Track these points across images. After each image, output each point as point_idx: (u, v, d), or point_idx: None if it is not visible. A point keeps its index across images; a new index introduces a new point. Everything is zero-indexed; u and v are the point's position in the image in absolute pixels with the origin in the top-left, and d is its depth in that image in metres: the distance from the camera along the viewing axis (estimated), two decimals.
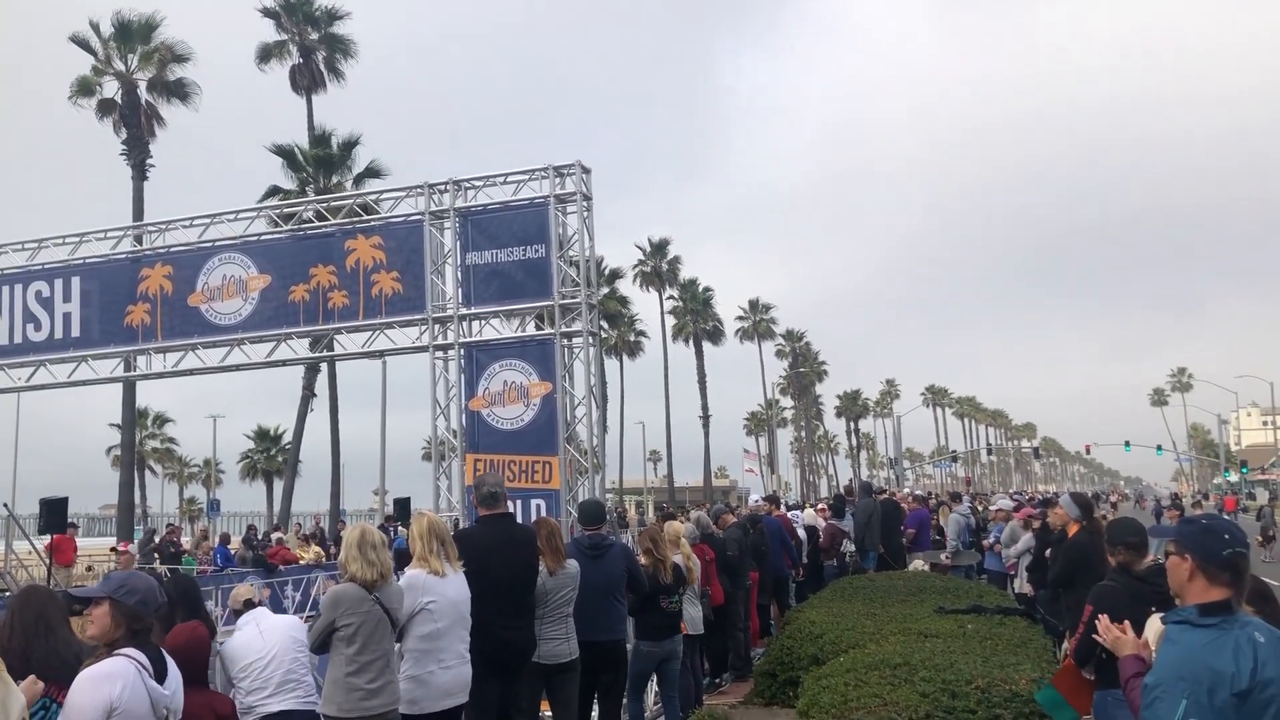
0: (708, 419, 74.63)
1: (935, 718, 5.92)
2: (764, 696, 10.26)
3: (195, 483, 76.85)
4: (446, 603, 6.18)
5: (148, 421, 65.47)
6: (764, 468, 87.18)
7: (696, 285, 73.48)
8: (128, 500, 37.37)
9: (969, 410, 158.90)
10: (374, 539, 5.99)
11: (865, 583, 13.19)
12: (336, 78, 41.18)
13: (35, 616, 4.28)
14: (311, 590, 21.04)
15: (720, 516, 13.16)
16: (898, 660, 7.34)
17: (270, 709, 6.47)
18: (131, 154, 35.58)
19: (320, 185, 36.04)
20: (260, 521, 49.65)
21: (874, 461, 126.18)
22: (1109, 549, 6.01)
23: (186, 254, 16.99)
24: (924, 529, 18.01)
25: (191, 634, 5.47)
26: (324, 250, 16.22)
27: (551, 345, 14.76)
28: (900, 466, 69.31)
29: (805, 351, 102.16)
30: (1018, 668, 7.02)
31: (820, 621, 10.23)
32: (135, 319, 17.05)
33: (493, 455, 14.63)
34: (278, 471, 57.85)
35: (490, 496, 6.98)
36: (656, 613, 8.46)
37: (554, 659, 7.10)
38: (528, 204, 15.10)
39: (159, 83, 35.90)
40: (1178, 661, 3.19)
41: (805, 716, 6.70)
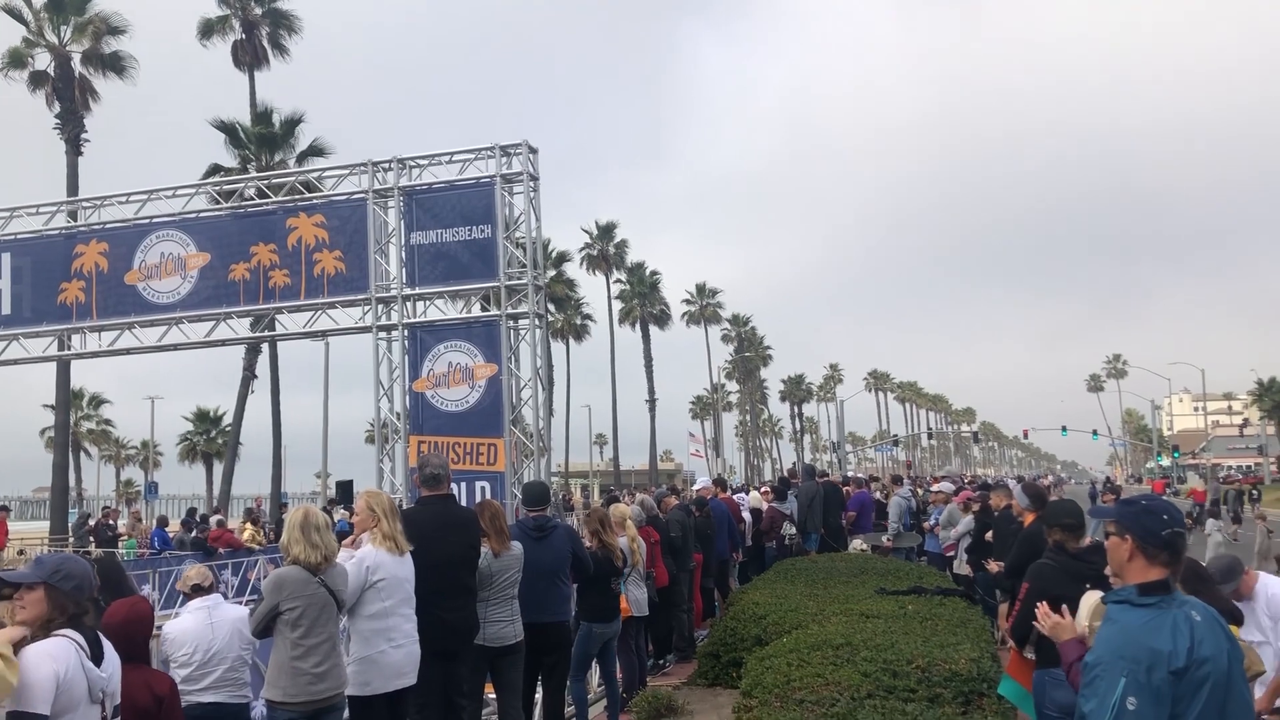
0: (654, 403, 74.87)
1: (877, 697, 5.97)
2: (707, 677, 10.32)
3: (132, 465, 75.60)
4: (395, 580, 6.10)
5: (83, 402, 64.16)
6: (709, 451, 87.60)
7: (644, 269, 73.48)
8: (61, 483, 36.56)
9: (910, 395, 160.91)
10: (317, 521, 5.90)
11: (807, 564, 13.30)
12: (280, 54, 40.44)
13: None
14: (250, 575, 20.76)
15: (663, 499, 13.19)
16: (840, 640, 7.41)
17: (202, 699, 6.37)
18: (65, 128, 34.68)
19: (262, 163, 35.40)
20: (200, 504, 48.91)
21: (817, 445, 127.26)
22: (1046, 529, 6.11)
23: (123, 230, 16.58)
24: (865, 512, 18.19)
25: (132, 609, 5.34)
26: (265, 228, 15.92)
27: (497, 327, 14.65)
28: (842, 450, 70.01)
29: (751, 336, 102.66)
30: (958, 648, 7.11)
31: (763, 603, 10.30)
32: (69, 297, 16.62)
33: (437, 437, 14.50)
34: (217, 454, 57.02)
35: (434, 478, 6.91)
36: (606, 594, 8.46)
37: (499, 641, 7.07)
38: (473, 184, 14.93)
39: (94, 55, 35.01)
40: (1117, 640, 3.24)
41: (748, 697, 6.74)
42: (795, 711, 5.69)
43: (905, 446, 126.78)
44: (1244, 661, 3.44)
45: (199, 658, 6.40)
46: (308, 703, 5.69)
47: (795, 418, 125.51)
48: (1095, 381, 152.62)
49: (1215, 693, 3.13)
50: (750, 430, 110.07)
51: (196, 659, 6.39)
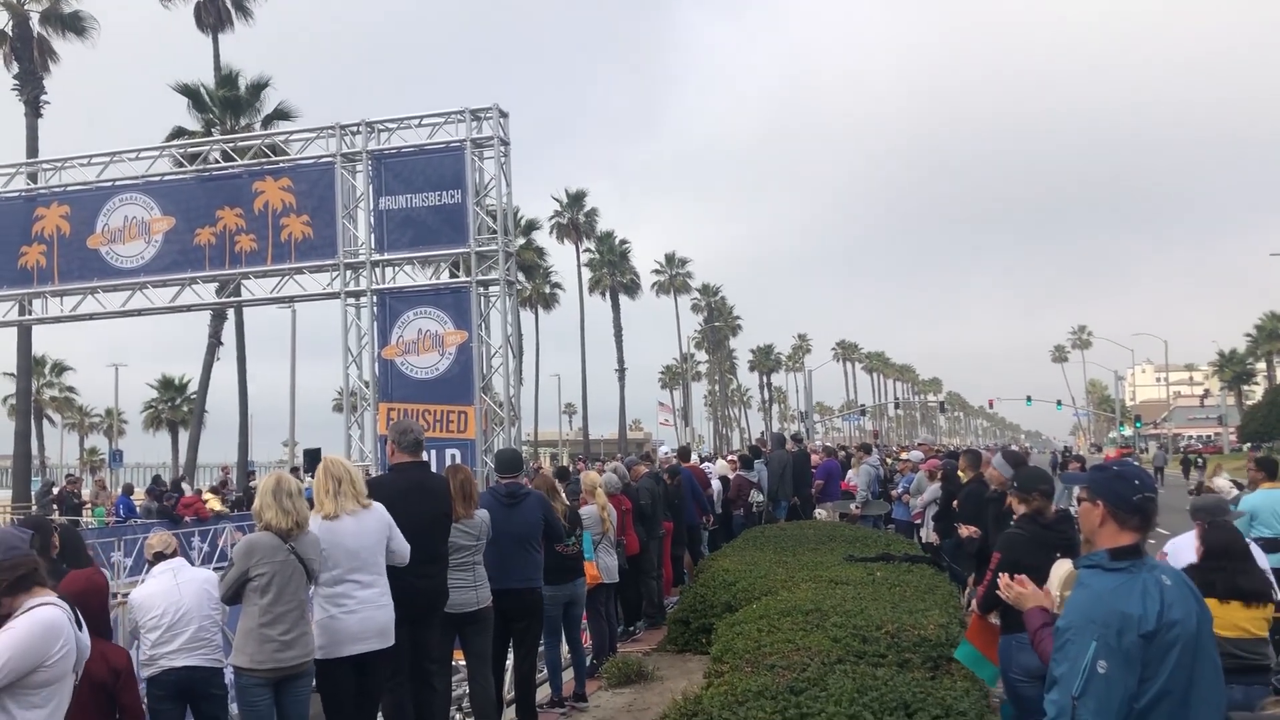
0: (623, 372, 74.84)
1: (847, 662, 6.01)
2: (677, 644, 10.38)
3: (97, 433, 74.75)
4: (338, 548, 5.98)
5: (46, 369, 63.28)
6: (678, 421, 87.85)
7: (613, 238, 73.23)
8: (24, 450, 36.08)
9: (878, 365, 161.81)
10: (290, 487, 5.84)
11: (776, 532, 13.37)
12: (244, 16, 39.66)
13: None
14: (219, 541, 20.65)
15: (633, 467, 13.20)
16: (809, 607, 7.46)
17: (175, 663, 6.33)
18: (24, 89, 33.96)
19: (227, 127, 34.78)
20: (166, 473, 48.48)
21: (785, 415, 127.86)
22: (1024, 497, 6.13)
23: (85, 194, 16.32)
24: (832, 480, 18.30)
25: (89, 581, 5.28)
26: (231, 192, 15.72)
27: (467, 294, 14.56)
28: (810, 420, 70.39)
29: (720, 306, 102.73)
30: (926, 613, 7.17)
31: (733, 570, 10.36)
32: (30, 260, 16.35)
33: (407, 404, 14.43)
34: (183, 422, 56.45)
35: (416, 443, 6.84)
36: (553, 556, 8.43)
37: (461, 608, 7.02)
38: (443, 148, 14.79)
39: (53, 15, 34.27)
40: (1088, 605, 3.26)
41: (719, 662, 6.77)
42: (766, 676, 5.72)
43: (872, 416, 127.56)
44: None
45: (168, 620, 6.35)
46: (275, 669, 5.66)
47: (764, 387, 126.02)
48: (1060, 353, 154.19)
49: (1184, 655, 3.16)
50: (719, 400, 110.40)
51: (165, 621, 6.35)
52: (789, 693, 5.35)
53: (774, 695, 5.32)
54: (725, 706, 5.28)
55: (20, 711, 3.80)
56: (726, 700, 5.38)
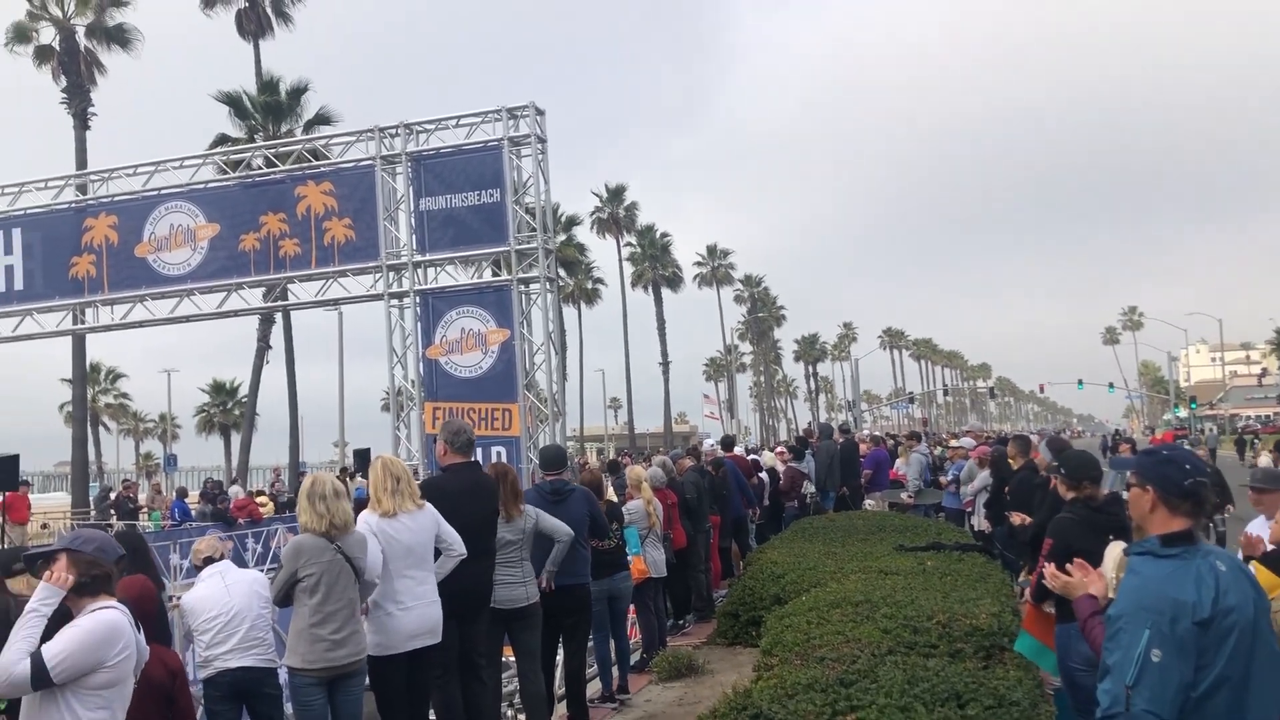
0: (667, 365, 74.92)
1: (898, 653, 5.95)
2: (727, 637, 10.35)
3: (151, 438, 75.96)
4: (396, 545, 6.06)
5: (100, 377, 64.47)
6: (724, 413, 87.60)
7: (654, 231, 73.21)
8: (81, 457, 36.82)
9: (925, 352, 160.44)
10: (323, 489, 5.88)
11: (825, 523, 13.30)
12: (284, 22, 40.12)
13: None
14: (272, 543, 20.95)
15: (678, 461, 13.19)
16: (859, 598, 7.40)
17: (230, 664, 6.41)
18: (72, 102, 34.58)
19: (269, 133, 35.22)
20: (219, 476, 49.20)
21: (832, 405, 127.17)
22: (1067, 483, 6.03)
23: (131, 203, 16.58)
24: (881, 469, 18.17)
25: (143, 587, 5.37)
26: (274, 198, 15.90)
27: (508, 292, 14.61)
28: (858, 409, 69.91)
29: (764, 297, 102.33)
30: (977, 602, 7.09)
31: (781, 562, 10.31)
32: (80, 270, 16.65)
33: (452, 403, 14.52)
34: (235, 425, 57.28)
35: (468, 444, 6.89)
36: (593, 552, 8.44)
37: (510, 604, 7.06)
38: (481, 147, 14.85)
39: (98, 28, 34.83)
40: (1140, 592, 3.19)
41: (769, 655, 6.73)
42: (816, 669, 5.68)
43: (921, 404, 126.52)
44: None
45: (220, 621, 6.44)
46: (327, 669, 5.71)
47: (810, 377, 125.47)
48: (1111, 334, 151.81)
49: (1241, 642, 3.09)
50: (765, 391, 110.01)
51: (218, 623, 6.44)
52: (839, 685, 5.30)
53: (824, 688, 5.28)
54: (775, 700, 5.24)
55: (85, 712, 3.88)
56: (776, 693, 5.35)
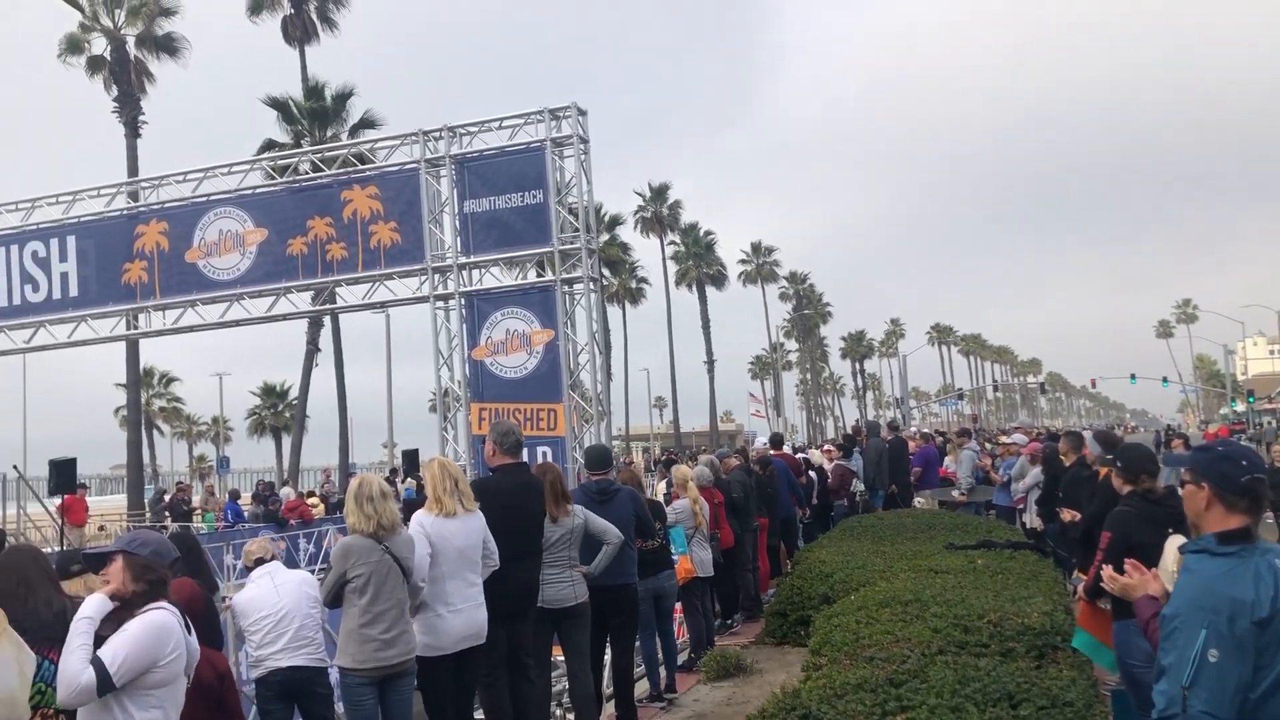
0: (712, 364, 74.70)
1: (949, 652, 5.88)
2: (775, 636, 10.30)
3: (204, 441, 77.13)
4: (449, 547, 6.10)
5: (154, 381, 65.58)
6: (770, 411, 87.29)
7: (698, 229, 73.02)
8: (136, 460, 37.46)
9: (974, 348, 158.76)
10: (370, 490, 5.92)
11: (874, 521, 13.20)
12: (329, 28, 40.58)
13: (16, 579, 4.25)
14: (324, 543, 21.19)
15: (724, 459, 13.14)
16: (909, 597, 7.32)
17: (280, 664, 6.48)
18: (123, 111, 35.17)
19: (315, 138, 35.60)
20: (271, 477, 49.86)
21: (880, 402, 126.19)
22: (1124, 476, 5.92)
23: (181, 209, 16.85)
24: (930, 467, 17.99)
25: (192, 590, 5.45)
26: (320, 202, 16.08)
27: (552, 292, 14.66)
28: (906, 406, 69.32)
29: (809, 294, 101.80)
30: (1029, 601, 6.99)
31: (830, 561, 10.24)
32: (133, 277, 16.95)
33: (497, 404, 14.59)
34: (285, 427, 58.01)
35: (517, 445, 6.92)
36: (637, 551, 8.43)
37: (559, 603, 7.08)
38: (524, 149, 14.91)
39: (147, 38, 35.40)
40: (1196, 591, 3.13)
41: (817, 654, 6.68)
42: (866, 668, 5.63)
43: (970, 400, 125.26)
44: None
45: (270, 621, 6.52)
46: (377, 669, 5.75)
47: (857, 374, 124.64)
48: (1165, 328, 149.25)
49: None
50: (811, 389, 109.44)
51: (268, 622, 6.52)
52: (889, 685, 5.25)
53: (874, 688, 5.24)
54: (824, 700, 5.20)
55: (139, 712, 3.92)
56: (825, 693, 5.31)
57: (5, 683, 3.46)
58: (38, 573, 4.31)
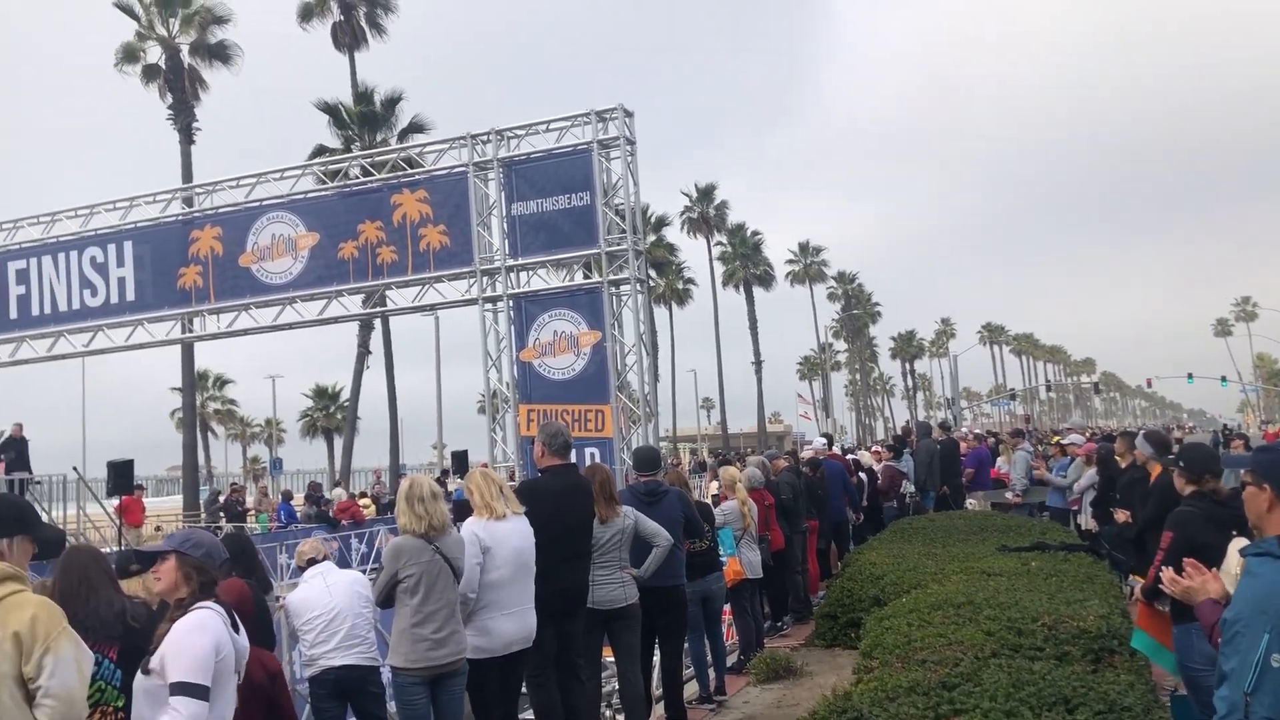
0: (760, 364, 74.38)
1: (1002, 656, 5.81)
2: (825, 639, 10.24)
3: (257, 442, 78.30)
4: (507, 550, 6.15)
5: (208, 383, 66.64)
6: (819, 412, 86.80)
7: (745, 230, 72.79)
8: (191, 461, 38.07)
9: (1026, 347, 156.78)
10: (421, 491, 5.97)
11: (925, 523, 13.08)
12: (378, 33, 40.98)
13: (78, 578, 4.32)
14: (375, 543, 21.38)
15: (773, 460, 13.08)
16: (961, 599, 7.24)
17: (333, 663, 6.55)
18: (177, 118, 35.76)
19: (365, 143, 35.96)
20: (323, 479, 50.48)
21: (930, 402, 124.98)
22: (1187, 476, 5.81)
23: (235, 214, 17.11)
24: (983, 468, 17.78)
25: (241, 590, 5.52)
26: (371, 206, 16.25)
27: (600, 294, 14.69)
28: (957, 406, 68.59)
29: (858, 293, 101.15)
30: (1085, 604, 6.88)
31: (880, 563, 10.16)
32: (188, 281, 17.24)
33: (545, 405, 14.65)
34: (337, 429, 58.67)
35: (566, 446, 6.95)
36: (685, 553, 8.41)
37: (609, 604, 7.09)
38: (571, 151, 14.97)
39: (201, 46, 35.94)
40: (1259, 595, 3.06)
41: (868, 657, 6.63)
42: (918, 671, 5.58)
43: (1023, 400, 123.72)
44: None
45: (322, 621, 6.60)
46: (428, 668, 5.79)
47: (907, 375, 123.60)
48: (1223, 326, 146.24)
49: None
50: (860, 389, 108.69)
51: (320, 622, 6.60)
52: (941, 688, 5.20)
53: (926, 691, 5.18)
54: (876, 703, 5.16)
55: None
56: (877, 696, 5.26)
57: (65, 681, 3.52)
58: (98, 572, 4.39)
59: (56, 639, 3.52)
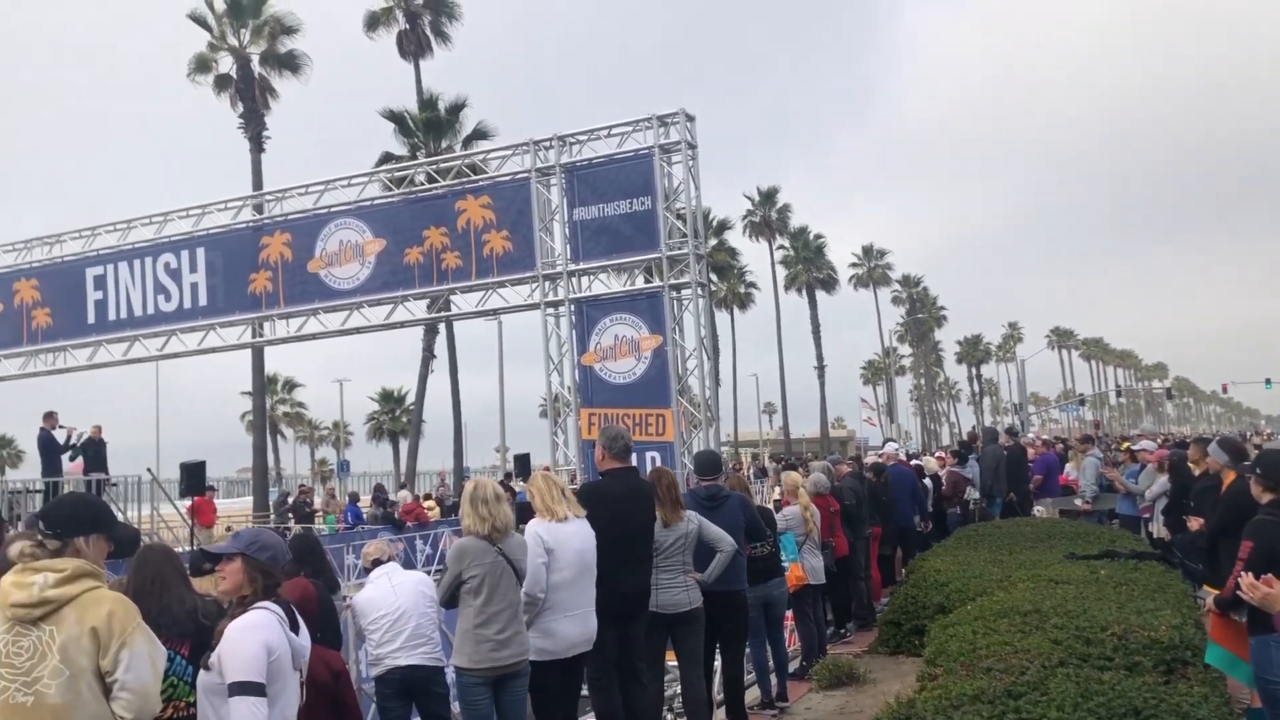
0: (823, 369, 73.84)
1: (1070, 665, 5.70)
2: (889, 645, 10.15)
3: (325, 445, 79.54)
4: (570, 552, 6.18)
5: (278, 386, 67.83)
6: (882, 417, 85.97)
7: (807, 233, 72.36)
8: (261, 463, 38.82)
9: (1096, 352, 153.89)
10: (485, 493, 6.03)
11: (991, 530, 12.89)
12: (442, 41, 41.46)
13: (151, 576, 4.41)
14: (439, 545, 21.61)
15: (836, 465, 13.00)
16: (1028, 607, 7.12)
17: (399, 662, 6.63)
18: (248, 127, 36.50)
19: (430, 149, 36.42)
20: (388, 481, 51.12)
21: (997, 408, 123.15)
22: (1264, 484, 5.66)
23: (304, 221, 17.43)
24: (1051, 474, 17.47)
25: (304, 589, 5.60)
26: (436, 212, 16.45)
27: (660, 298, 14.71)
28: (1025, 412, 67.48)
29: (923, 297, 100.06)
30: (1156, 614, 6.72)
31: (945, 570, 10.04)
32: (258, 286, 17.60)
33: (606, 409, 14.70)
34: (402, 432, 59.43)
35: (626, 449, 6.98)
36: (746, 558, 8.37)
37: (674, 608, 7.09)
38: (632, 156, 15.03)
39: (270, 56, 36.65)
40: None
41: (933, 665, 6.55)
42: (983, 680, 5.50)
43: (1092, 406, 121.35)
44: None
45: (387, 620, 6.70)
46: (491, 669, 5.83)
47: (973, 379, 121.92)
48: None
49: None
50: (925, 394, 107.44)
51: (385, 621, 6.70)
52: (1007, 696, 5.11)
53: (991, 699, 5.10)
54: (940, 710, 5.09)
55: None
56: (941, 704, 5.20)
57: (139, 675, 3.61)
58: (171, 570, 4.49)
59: (131, 634, 3.61)
